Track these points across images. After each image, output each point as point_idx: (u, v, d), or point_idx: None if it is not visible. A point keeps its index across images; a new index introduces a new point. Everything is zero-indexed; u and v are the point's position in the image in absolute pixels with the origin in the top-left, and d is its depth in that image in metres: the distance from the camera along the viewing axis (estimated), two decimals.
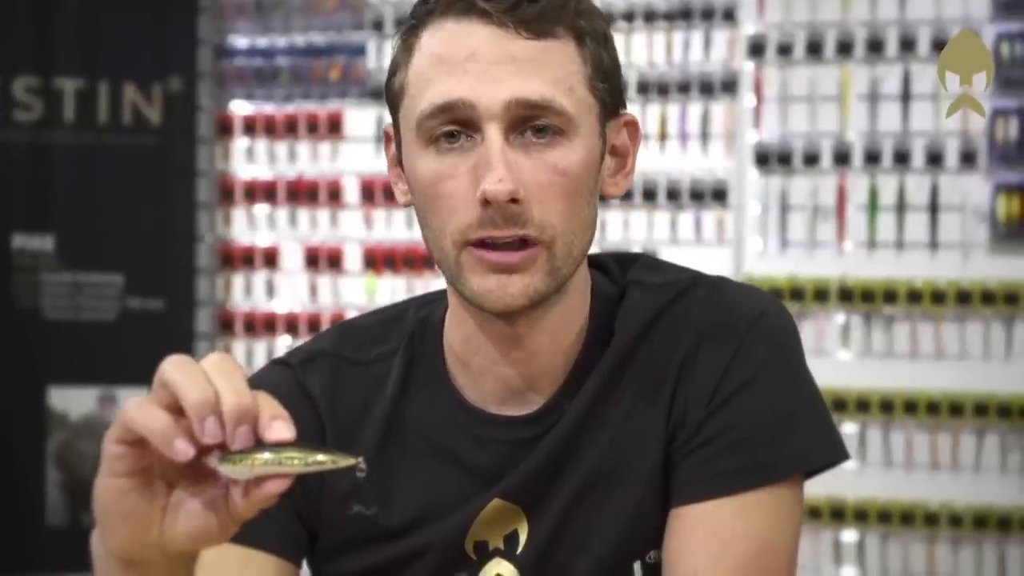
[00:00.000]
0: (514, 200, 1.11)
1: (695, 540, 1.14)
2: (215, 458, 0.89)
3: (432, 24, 1.16)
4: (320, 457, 0.88)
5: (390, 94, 1.20)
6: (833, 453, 1.20)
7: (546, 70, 1.13)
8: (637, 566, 1.19)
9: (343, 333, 1.30)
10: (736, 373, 1.18)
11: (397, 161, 1.21)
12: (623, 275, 1.26)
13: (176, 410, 0.89)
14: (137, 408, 0.90)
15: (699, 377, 1.18)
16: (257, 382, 1.25)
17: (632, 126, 1.23)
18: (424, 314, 1.27)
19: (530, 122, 1.13)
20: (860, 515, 3.35)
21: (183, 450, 0.88)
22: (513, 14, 1.12)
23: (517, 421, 1.21)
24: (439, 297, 1.27)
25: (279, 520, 1.18)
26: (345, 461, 0.89)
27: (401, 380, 1.24)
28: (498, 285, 1.13)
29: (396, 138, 1.21)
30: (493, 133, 1.12)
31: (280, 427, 0.88)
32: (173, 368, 0.90)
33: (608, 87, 1.18)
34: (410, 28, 1.18)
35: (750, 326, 1.20)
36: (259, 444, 0.88)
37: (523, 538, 1.20)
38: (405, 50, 1.18)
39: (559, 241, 1.14)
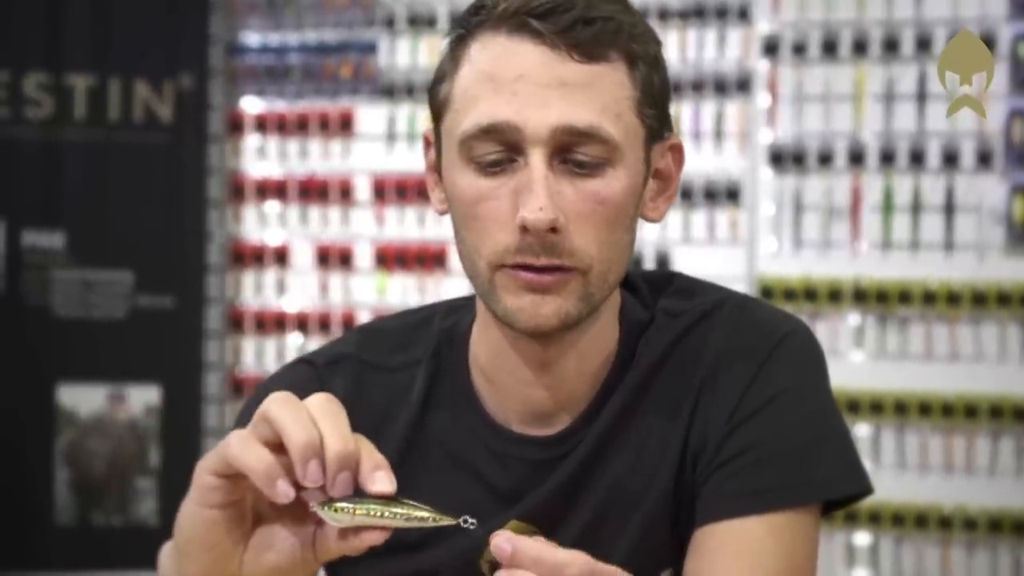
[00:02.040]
0: (553, 229, 1.09)
1: (725, 556, 1.12)
2: (315, 502, 0.88)
3: (482, 36, 1.13)
4: (423, 514, 0.88)
5: (434, 102, 1.17)
6: (858, 485, 1.18)
7: (595, 96, 1.10)
8: None
9: (368, 337, 1.29)
10: (756, 393, 1.16)
11: (436, 168, 1.19)
12: (654, 300, 1.23)
13: (276, 447, 0.88)
14: (241, 445, 0.88)
15: (719, 397, 1.16)
16: (281, 380, 1.25)
17: (677, 150, 1.20)
18: (450, 323, 1.25)
19: (575, 149, 1.10)
20: (873, 517, 3.32)
21: (285, 492, 0.87)
22: (566, 36, 1.10)
23: (539, 441, 1.19)
24: (466, 305, 1.25)
25: None
26: (447, 520, 0.89)
27: (425, 392, 1.23)
28: (531, 305, 1.11)
29: (436, 145, 1.18)
30: (537, 159, 1.09)
31: (382, 479, 0.88)
32: (279, 406, 0.88)
33: (656, 112, 1.15)
34: (459, 37, 1.15)
35: (773, 348, 1.18)
36: (358, 490, 0.87)
37: None
38: (452, 60, 1.15)
39: (595, 269, 1.12)
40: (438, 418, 1.22)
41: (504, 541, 0.89)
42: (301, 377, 1.25)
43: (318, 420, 0.88)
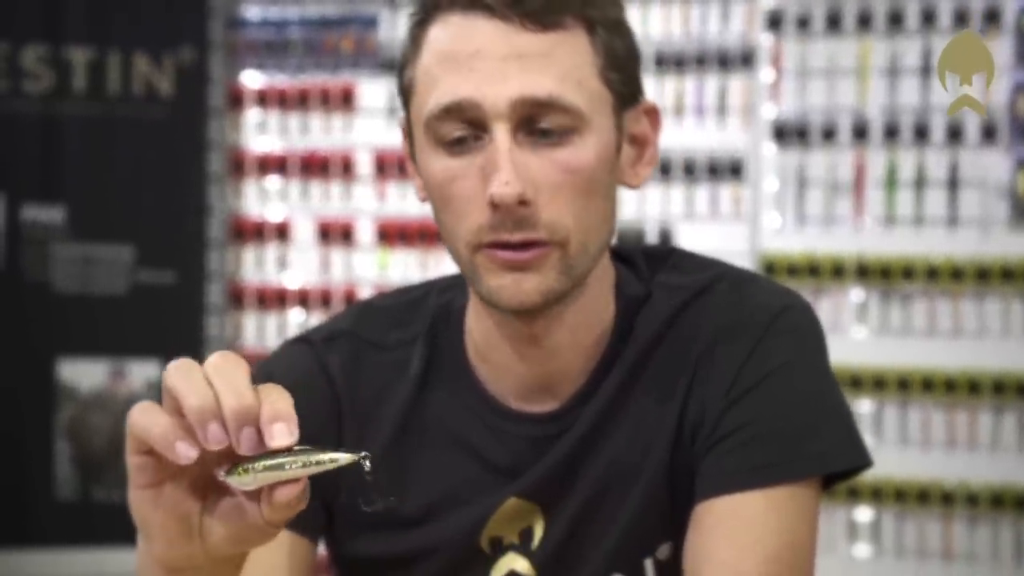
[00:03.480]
0: (523, 203, 1.08)
1: (724, 531, 1.11)
2: (219, 469, 0.86)
3: (439, 19, 1.12)
4: (321, 457, 0.85)
5: (401, 88, 1.17)
6: (857, 457, 1.17)
7: (554, 65, 1.09)
8: (648, 563, 1.18)
9: (364, 314, 1.28)
10: (754, 368, 1.15)
11: (412, 155, 1.18)
12: (652, 274, 1.23)
13: (182, 415, 0.86)
14: (140, 414, 0.87)
15: (717, 372, 1.16)
16: (279, 360, 1.25)
17: (652, 113, 1.19)
18: (445, 300, 1.25)
19: (538, 120, 1.09)
20: (875, 493, 3.32)
21: (185, 453, 0.85)
22: (518, 7, 1.09)
23: (536, 418, 1.19)
24: (461, 282, 1.24)
25: None
26: (347, 459, 0.86)
27: (422, 369, 1.23)
28: (512, 282, 1.11)
29: (408, 132, 1.18)
30: (500, 133, 1.09)
31: (281, 431, 0.84)
32: (174, 373, 0.86)
33: (623, 76, 1.14)
34: (418, 23, 1.15)
35: (770, 323, 1.17)
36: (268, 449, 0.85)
37: (538, 534, 1.18)
38: (413, 45, 1.15)
39: (573, 240, 1.11)
40: (435, 395, 1.22)
41: None
42: (298, 356, 1.25)
43: (212, 380, 0.85)
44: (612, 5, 1.15)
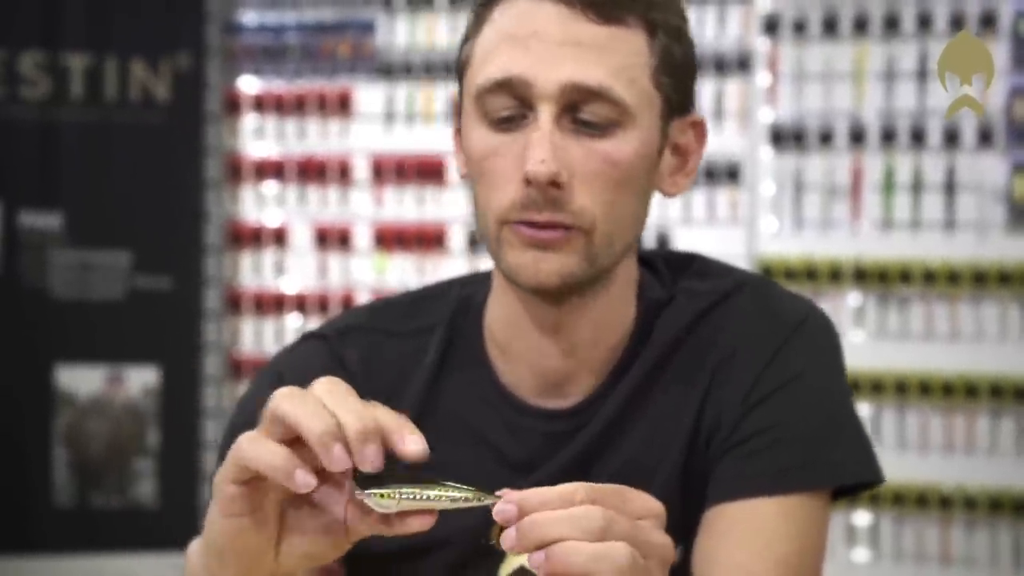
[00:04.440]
0: (555, 184, 1.10)
1: (736, 535, 1.12)
2: (359, 490, 0.88)
3: (505, 1, 1.14)
4: (467, 495, 0.88)
5: (457, 64, 1.19)
6: (871, 472, 1.19)
7: (609, 57, 1.11)
8: None
9: (378, 308, 1.30)
10: (772, 375, 1.16)
11: (459, 129, 1.20)
12: (674, 280, 1.24)
13: (290, 443, 0.88)
14: (252, 446, 0.88)
15: (735, 378, 1.17)
16: (293, 356, 1.25)
17: (699, 127, 1.21)
18: (468, 293, 1.26)
19: (584, 108, 1.11)
20: (873, 497, 3.32)
21: (304, 481, 0.87)
22: None
23: (553, 414, 1.20)
24: (484, 278, 1.26)
25: None
26: (489, 499, 0.88)
27: (439, 358, 1.23)
28: (533, 261, 1.12)
29: (459, 106, 1.20)
30: (545, 115, 1.11)
31: (414, 440, 0.87)
32: (287, 401, 0.87)
33: (675, 83, 1.16)
34: (484, 2, 1.17)
35: (790, 332, 1.19)
36: (391, 463, 0.87)
37: None
38: (476, 23, 1.17)
39: (599, 229, 1.13)
40: (451, 386, 1.23)
41: (505, 503, 0.88)
42: (313, 351, 1.25)
43: (329, 405, 0.87)
44: (676, 13, 1.17)
